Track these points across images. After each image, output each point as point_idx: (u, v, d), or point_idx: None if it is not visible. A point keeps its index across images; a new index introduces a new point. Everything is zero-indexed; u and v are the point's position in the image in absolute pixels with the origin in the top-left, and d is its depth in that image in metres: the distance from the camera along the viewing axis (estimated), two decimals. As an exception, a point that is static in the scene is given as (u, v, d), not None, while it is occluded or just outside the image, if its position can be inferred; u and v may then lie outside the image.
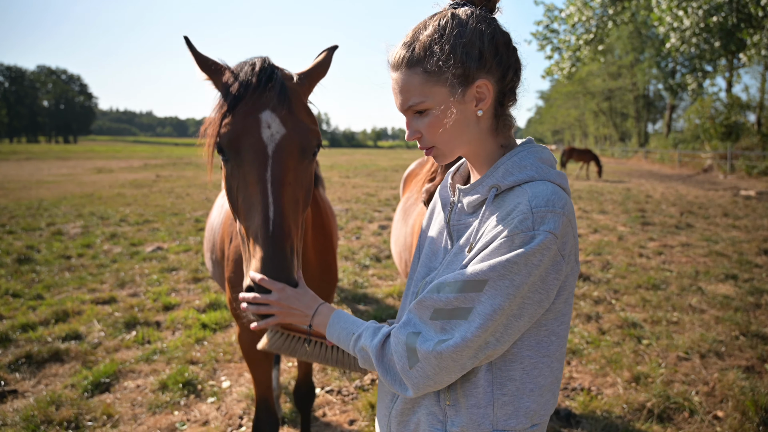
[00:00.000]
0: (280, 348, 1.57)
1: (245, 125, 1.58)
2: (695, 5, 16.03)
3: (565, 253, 1.12)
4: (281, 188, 1.53)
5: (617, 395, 3.79)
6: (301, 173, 1.63)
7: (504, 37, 1.21)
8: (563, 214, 1.11)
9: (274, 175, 1.54)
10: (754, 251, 8.27)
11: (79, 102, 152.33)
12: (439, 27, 1.19)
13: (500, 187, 1.20)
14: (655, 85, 51.06)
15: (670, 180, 23.83)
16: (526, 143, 1.28)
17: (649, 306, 5.70)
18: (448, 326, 1.13)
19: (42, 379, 4.08)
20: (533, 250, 1.07)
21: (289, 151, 1.59)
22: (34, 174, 24.63)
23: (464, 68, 1.17)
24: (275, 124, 1.59)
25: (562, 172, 1.24)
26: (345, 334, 1.31)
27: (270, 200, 1.50)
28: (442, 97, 1.19)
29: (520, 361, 1.20)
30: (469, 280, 1.11)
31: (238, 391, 3.93)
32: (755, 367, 4.24)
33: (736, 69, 31.38)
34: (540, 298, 1.12)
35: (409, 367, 1.15)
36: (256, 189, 1.52)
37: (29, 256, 7.85)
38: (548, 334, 1.20)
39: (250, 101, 1.60)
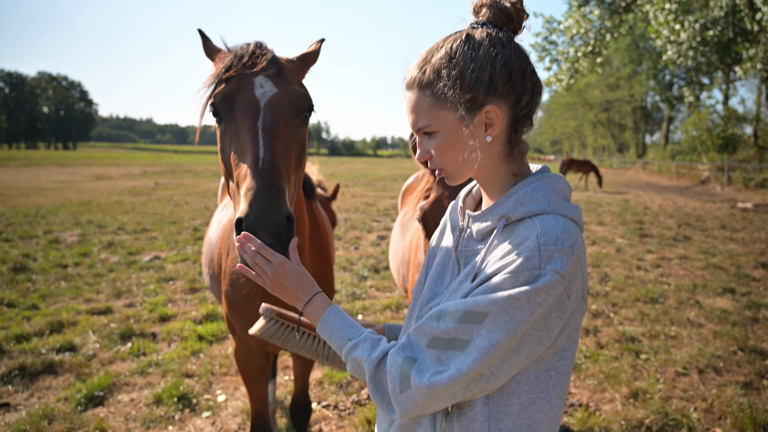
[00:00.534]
0: (272, 336, 1.55)
1: (239, 85, 1.64)
2: (692, 19, 16.16)
3: (571, 292, 1.09)
4: (273, 135, 1.55)
5: (615, 411, 3.77)
6: (293, 129, 1.66)
7: (520, 62, 1.17)
8: (572, 253, 1.07)
9: (265, 123, 1.57)
10: (752, 264, 8.28)
11: (80, 108, 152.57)
12: (451, 50, 1.17)
13: (510, 217, 1.17)
14: (652, 97, 51.31)
15: (668, 191, 23.89)
16: (541, 172, 1.25)
17: (648, 320, 5.68)
18: (444, 356, 1.11)
19: (35, 391, 4.04)
20: (538, 289, 1.04)
21: (281, 105, 1.63)
22: (32, 180, 24.60)
23: (473, 93, 1.14)
24: (267, 84, 1.65)
25: (576, 205, 1.20)
26: (339, 336, 1.28)
27: (261, 143, 1.52)
28: (450, 121, 1.17)
29: (518, 396, 1.16)
30: (469, 311, 1.09)
31: (234, 405, 3.90)
32: (753, 383, 4.22)
33: (733, 82, 31.59)
34: (540, 335, 1.09)
35: (400, 391, 1.13)
36: (247, 137, 1.54)
37: (25, 265, 7.81)
38: (548, 368, 1.17)
39: (244, 67, 1.67)
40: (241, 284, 2.31)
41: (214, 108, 1.66)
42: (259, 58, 1.70)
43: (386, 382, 1.17)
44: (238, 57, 1.70)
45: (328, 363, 1.60)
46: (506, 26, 1.21)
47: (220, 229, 2.80)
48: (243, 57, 1.69)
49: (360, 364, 1.22)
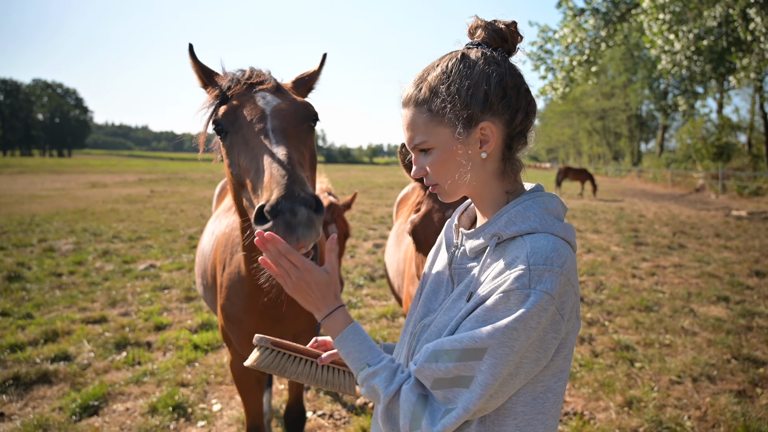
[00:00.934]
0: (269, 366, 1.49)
1: (241, 101, 1.65)
2: (686, 29, 16.33)
3: (564, 312, 1.10)
4: (284, 135, 1.54)
5: (610, 420, 3.78)
6: (302, 133, 1.65)
7: (515, 80, 1.20)
8: (561, 273, 1.08)
9: (274, 126, 1.56)
10: (746, 272, 8.33)
11: (75, 116, 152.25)
12: (447, 68, 1.19)
13: (501, 236, 1.18)
14: (647, 106, 51.72)
15: (663, 199, 24.01)
16: (533, 191, 1.26)
17: (642, 328, 5.70)
18: (450, 395, 1.11)
19: (29, 401, 4.03)
20: (531, 313, 1.05)
21: (287, 112, 1.64)
22: (27, 188, 24.52)
23: (468, 110, 1.16)
24: (270, 96, 1.67)
25: (569, 225, 1.21)
26: (357, 357, 1.25)
27: (273, 141, 1.50)
28: (446, 138, 1.19)
29: (513, 417, 1.16)
30: (467, 349, 1.08)
31: (229, 414, 3.89)
32: (747, 391, 4.24)
33: (727, 91, 31.88)
34: (537, 357, 1.10)
35: (410, 429, 1.13)
36: (258, 140, 1.52)
37: (20, 274, 7.78)
38: (545, 390, 1.17)
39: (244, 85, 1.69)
40: (239, 298, 2.30)
41: (217, 124, 1.66)
42: (258, 77, 1.74)
43: (398, 415, 1.16)
44: (235, 80, 1.73)
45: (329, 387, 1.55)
46: (501, 47, 1.24)
47: (213, 241, 2.81)
48: (241, 77, 1.72)
49: (376, 392, 1.20)
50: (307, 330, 2.50)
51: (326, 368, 1.54)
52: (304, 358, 1.53)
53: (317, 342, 1.54)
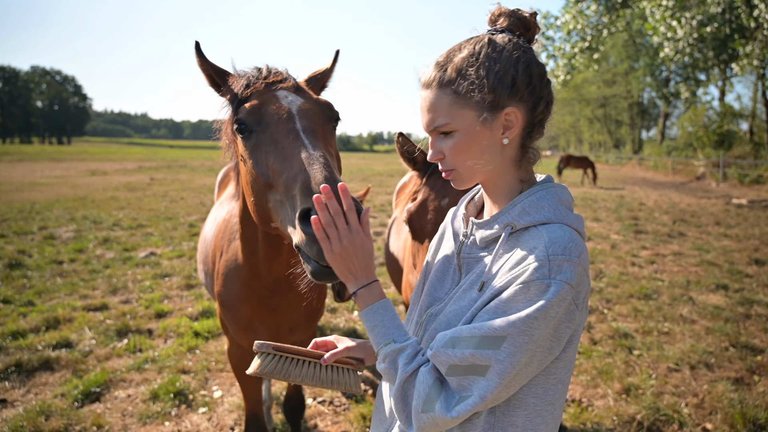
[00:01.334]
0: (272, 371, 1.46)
1: (263, 99, 1.63)
2: (689, 16, 16.19)
3: (579, 301, 1.11)
4: (314, 135, 1.53)
5: (608, 407, 3.81)
6: (329, 132, 1.66)
7: (539, 69, 1.20)
8: (579, 263, 1.09)
9: (303, 126, 1.54)
10: (745, 261, 8.34)
11: (74, 103, 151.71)
12: (475, 51, 1.18)
13: (515, 226, 1.18)
14: (649, 93, 51.42)
15: (664, 187, 23.98)
16: (546, 182, 1.27)
17: (641, 316, 5.73)
18: (464, 382, 1.11)
19: (32, 388, 4.06)
20: (552, 303, 1.05)
21: (313, 111, 1.63)
22: (26, 176, 24.50)
23: (495, 94, 1.15)
24: (292, 96, 1.65)
25: (579, 215, 1.22)
26: (384, 332, 1.23)
27: (306, 142, 1.48)
28: (470, 121, 1.17)
29: (524, 408, 1.17)
30: (486, 336, 1.08)
31: (230, 401, 3.92)
32: (744, 378, 4.27)
33: (729, 78, 31.67)
34: (550, 345, 1.11)
35: (422, 410, 1.13)
36: (289, 140, 1.50)
37: (21, 261, 7.81)
38: (556, 382, 1.18)
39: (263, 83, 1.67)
40: (235, 286, 2.30)
41: (241, 123, 1.62)
42: (277, 75, 1.72)
43: (412, 396, 1.15)
44: (255, 76, 1.70)
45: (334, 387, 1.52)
46: (524, 35, 1.23)
47: (214, 227, 2.81)
48: (260, 75, 1.70)
49: (395, 368, 1.19)
50: (303, 324, 2.50)
51: (330, 368, 1.52)
52: (307, 360, 1.50)
53: (317, 344, 1.53)
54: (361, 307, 1.28)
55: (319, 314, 2.62)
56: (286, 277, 2.18)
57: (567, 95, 57.39)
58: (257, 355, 1.49)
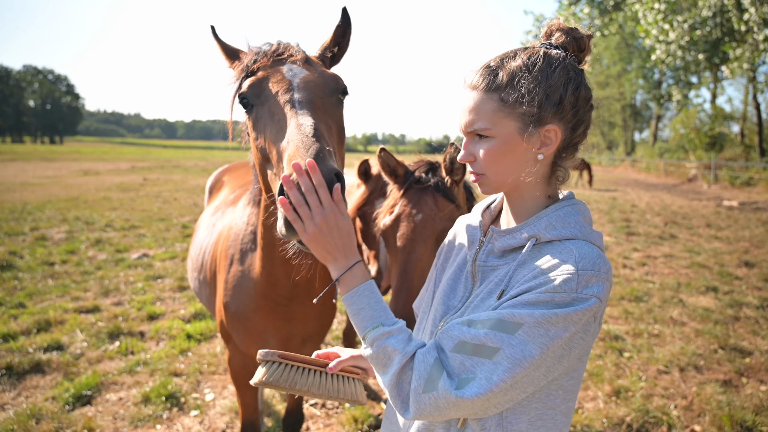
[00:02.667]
0: (278, 381, 1.40)
1: (267, 73, 1.62)
2: (680, 19, 16.32)
3: (598, 316, 1.13)
4: (311, 107, 1.50)
5: (598, 409, 3.84)
6: (330, 106, 1.61)
7: (587, 92, 1.22)
8: (607, 279, 1.11)
9: (301, 97, 1.52)
10: (735, 263, 8.42)
11: (66, 102, 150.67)
12: (529, 62, 1.18)
13: (540, 238, 1.19)
14: (641, 95, 51.73)
15: (656, 189, 24.14)
16: (570, 198, 1.28)
17: (632, 318, 5.77)
18: (469, 362, 1.09)
19: (22, 391, 4.04)
20: (577, 311, 1.07)
21: (315, 83, 1.60)
22: (18, 176, 24.31)
23: (540, 109, 1.16)
24: (296, 68, 1.63)
25: (600, 233, 1.24)
26: (371, 315, 1.19)
27: (299, 112, 1.45)
28: (509, 130, 1.18)
29: (527, 413, 1.18)
30: (503, 320, 1.08)
31: (222, 404, 3.92)
32: (732, 380, 4.32)
33: (720, 81, 31.92)
34: (561, 354, 1.10)
35: (423, 391, 1.10)
36: (283, 111, 1.48)
37: (12, 263, 7.76)
38: (557, 387, 1.19)
39: (271, 58, 1.66)
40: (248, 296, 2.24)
41: (243, 98, 1.63)
42: (287, 49, 1.70)
43: (410, 378, 1.13)
44: (262, 53, 1.69)
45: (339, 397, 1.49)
46: (576, 55, 1.24)
47: (214, 235, 2.77)
48: (268, 50, 1.69)
49: (389, 354, 1.15)
50: (315, 335, 2.47)
51: (335, 377, 1.49)
52: (312, 369, 1.47)
53: (319, 356, 1.52)
54: (344, 291, 1.22)
55: (329, 327, 2.60)
56: (305, 283, 2.17)
57: (560, 97, 57.47)
58: (262, 364, 1.44)
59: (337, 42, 1.87)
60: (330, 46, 1.86)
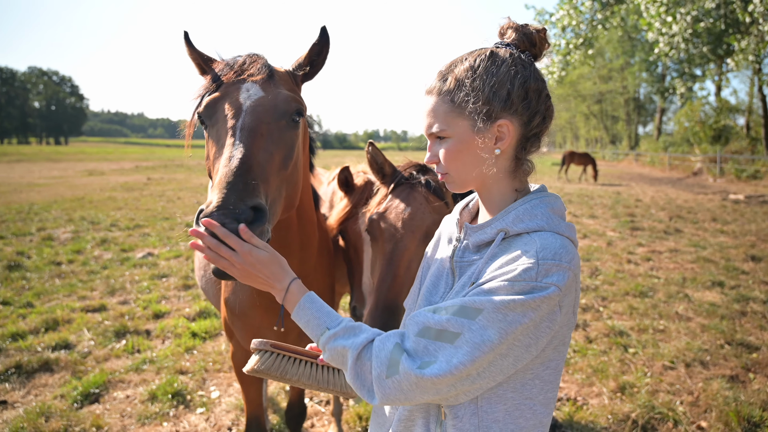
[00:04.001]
0: (269, 369, 1.46)
1: (226, 91, 1.62)
2: (684, 11, 16.20)
3: (564, 305, 1.15)
4: (251, 135, 1.51)
5: (603, 406, 3.84)
6: (276, 131, 1.60)
7: (537, 84, 1.25)
8: (569, 268, 1.14)
9: (244, 123, 1.53)
10: (741, 257, 8.38)
11: (70, 103, 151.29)
12: (475, 64, 1.24)
13: (509, 232, 1.23)
14: (645, 89, 51.51)
15: (660, 183, 24.04)
16: (540, 191, 1.32)
17: (637, 314, 5.76)
18: (432, 347, 1.14)
19: (32, 389, 4.08)
20: (534, 299, 1.10)
21: (264, 107, 1.59)
22: (24, 176, 24.45)
23: (489, 106, 1.21)
24: (254, 89, 1.62)
25: (571, 224, 1.27)
26: (316, 324, 1.26)
27: (237, 141, 1.47)
28: (464, 129, 1.23)
29: (503, 403, 1.21)
30: (465, 306, 1.13)
31: (227, 401, 3.95)
32: (739, 376, 4.30)
33: (725, 73, 31.72)
34: (528, 343, 1.14)
35: (386, 376, 1.15)
36: (226, 137, 1.51)
37: (19, 263, 7.81)
38: (533, 377, 1.22)
39: (233, 75, 1.65)
40: (245, 292, 2.28)
41: (199, 116, 1.65)
42: (249, 66, 1.69)
43: (369, 368, 1.18)
44: (228, 67, 1.69)
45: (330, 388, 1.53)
46: (528, 50, 1.29)
47: None
48: (233, 67, 1.68)
49: (341, 353, 1.22)
50: None
51: (326, 369, 1.53)
52: (303, 359, 1.51)
53: (312, 348, 1.56)
54: (290, 311, 1.30)
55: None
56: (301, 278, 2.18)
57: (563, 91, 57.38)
58: (255, 353, 1.50)
59: (311, 60, 1.84)
60: (303, 64, 1.83)
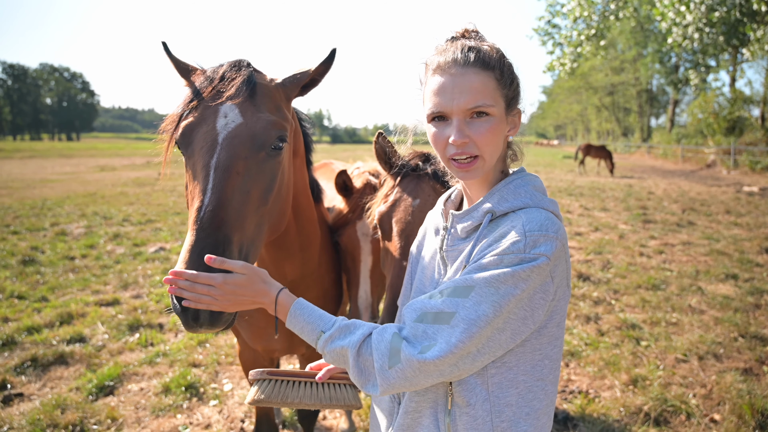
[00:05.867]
0: (269, 397, 1.47)
1: (203, 115, 1.52)
2: (697, 0, 15.96)
3: (555, 275, 1.16)
4: (225, 176, 1.43)
5: (615, 398, 3.83)
6: (254, 165, 1.51)
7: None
8: (556, 238, 1.15)
9: (219, 162, 1.44)
10: (755, 250, 8.28)
11: (82, 99, 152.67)
12: (495, 46, 1.27)
13: (495, 212, 1.24)
14: (658, 80, 50.84)
15: (673, 176, 23.78)
16: (520, 172, 1.35)
17: (649, 307, 5.72)
18: (430, 330, 1.15)
19: (47, 382, 4.14)
20: (524, 270, 1.11)
21: (241, 139, 1.48)
22: (37, 172, 24.73)
23: (516, 92, 1.29)
24: (232, 113, 1.51)
25: (553, 200, 1.29)
26: (310, 329, 1.27)
27: (209, 186, 1.40)
28: (501, 110, 1.24)
29: (515, 386, 1.22)
30: (457, 287, 1.15)
31: (240, 393, 3.98)
32: (753, 369, 4.27)
33: (740, 64, 31.21)
34: (524, 315, 1.14)
35: (388, 366, 1.15)
36: (200, 176, 1.44)
37: (34, 257, 7.91)
38: (542, 357, 1.23)
39: (211, 93, 1.54)
40: None
41: (176, 142, 1.56)
42: (229, 83, 1.55)
43: (371, 360, 1.19)
44: (208, 81, 1.57)
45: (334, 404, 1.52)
46: None
47: None
48: (212, 81, 1.56)
49: (341, 353, 1.22)
50: None
51: (327, 386, 1.53)
52: (302, 381, 1.52)
53: (311, 369, 1.59)
54: (284, 320, 1.31)
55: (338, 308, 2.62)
56: (304, 279, 2.18)
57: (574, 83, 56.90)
58: (253, 383, 1.51)
59: (313, 79, 1.76)
60: (301, 80, 1.74)
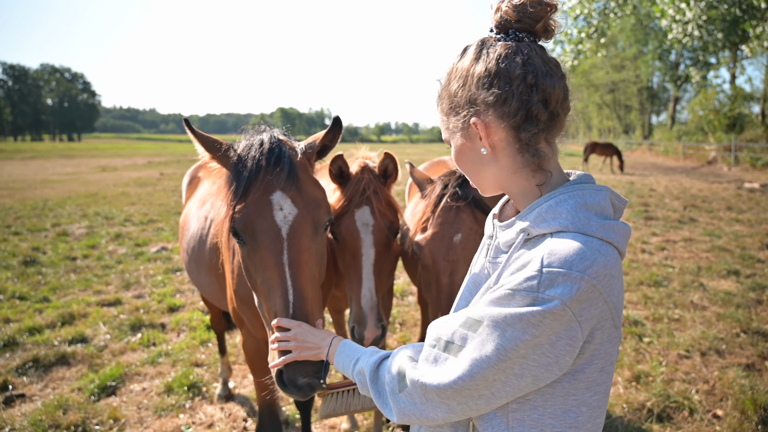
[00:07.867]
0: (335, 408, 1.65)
1: (258, 208, 1.66)
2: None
3: (584, 319, 0.97)
4: (299, 270, 1.63)
5: (618, 395, 3.82)
6: (315, 250, 1.74)
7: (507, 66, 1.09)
8: (582, 278, 0.95)
9: (291, 258, 1.63)
10: (757, 246, 8.27)
11: (83, 100, 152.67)
12: (449, 69, 1.23)
13: (530, 232, 1.09)
14: (658, 77, 50.75)
15: (674, 173, 23.75)
16: (574, 183, 1.14)
17: (651, 303, 5.71)
18: (440, 358, 1.10)
19: (49, 382, 4.14)
20: (534, 314, 0.96)
21: (302, 230, 1.68)
22: (38, 173, 24.75)
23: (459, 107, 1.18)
24: (287, 204, 1.68)
25: (614, 223, 1.07)
26: (348, 360, 1.36)
27: (289, 284, 1.61)
28: (453, 133, 1.21)
29: (540, 428, 1.08)
30: (470, 318, 1.07)
31: (243, 393, 3.98)
32: (755, 364, 4.26)
33: (740, 61, 31.13)
34: (547, 362, 1.00)
35: (398, 390, 1.14)
36: (274, 273, 1.62)
37: (35, 258, 7.92)
38: (578, 404, 1.07)
39: (260, 183, 1.68)
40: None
41: (235, 233, 1.69)
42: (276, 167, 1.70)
43: (385, 383, 1.19)
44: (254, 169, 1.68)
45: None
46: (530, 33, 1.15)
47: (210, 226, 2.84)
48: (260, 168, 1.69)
49: (361, 373, 1.28)
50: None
51: None
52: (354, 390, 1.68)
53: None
54: (333, 362, 1.46)
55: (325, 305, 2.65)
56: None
57: (575, 81, 56.66)
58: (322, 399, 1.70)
59: (324, 145, 1.92)
60: (315, 148, 1.90)
